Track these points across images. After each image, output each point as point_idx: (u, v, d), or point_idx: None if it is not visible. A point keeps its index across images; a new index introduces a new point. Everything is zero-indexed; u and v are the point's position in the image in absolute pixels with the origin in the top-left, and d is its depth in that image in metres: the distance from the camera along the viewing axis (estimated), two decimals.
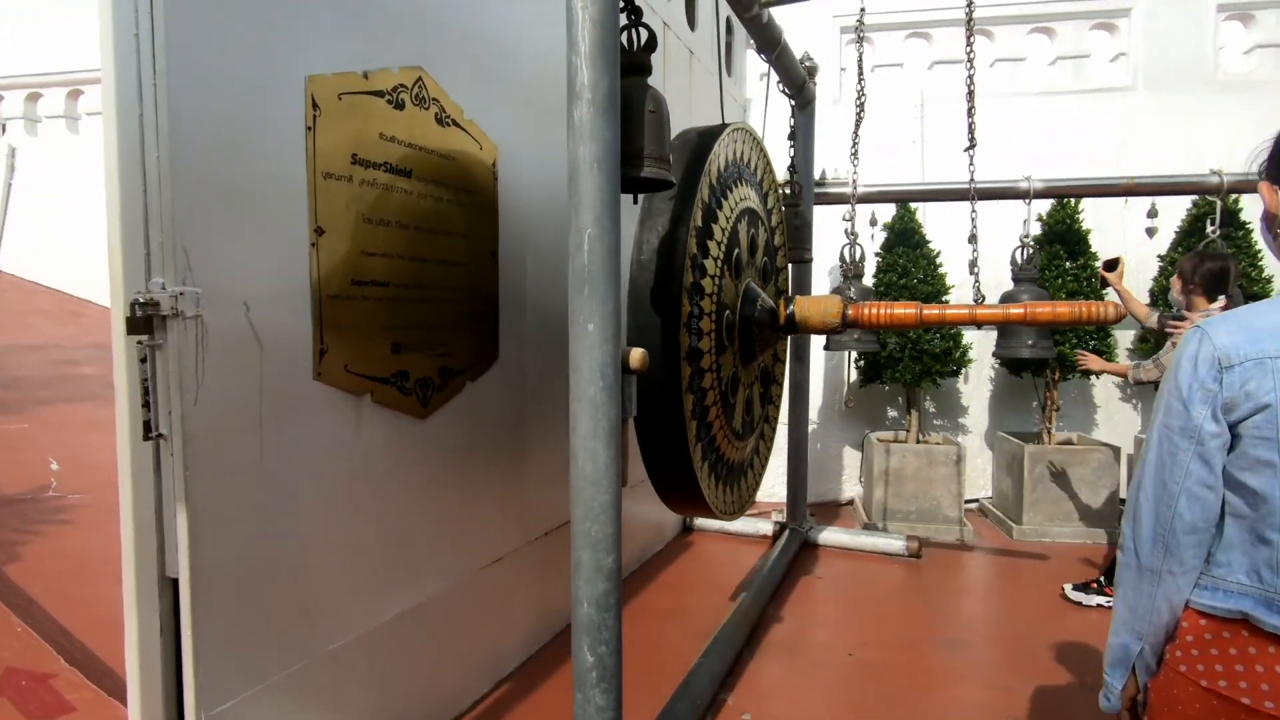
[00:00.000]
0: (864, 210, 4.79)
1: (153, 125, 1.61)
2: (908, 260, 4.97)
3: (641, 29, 1.96)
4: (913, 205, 5.06)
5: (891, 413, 5.66)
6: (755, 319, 2.85)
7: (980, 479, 5.45)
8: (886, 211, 5.14)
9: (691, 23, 4.75)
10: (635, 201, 2.24)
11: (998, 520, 4.99)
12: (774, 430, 3.49)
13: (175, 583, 1.69)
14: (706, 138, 2.70)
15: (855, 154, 3.92)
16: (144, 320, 1.62)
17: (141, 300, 1.60)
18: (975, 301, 3.59)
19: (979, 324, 3.33)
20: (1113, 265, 3.78)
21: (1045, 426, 4.90)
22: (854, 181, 4.07)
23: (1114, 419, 5.36)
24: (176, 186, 1.61)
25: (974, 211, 3.73)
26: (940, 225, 5.14)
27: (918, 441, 5.00)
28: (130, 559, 1.68)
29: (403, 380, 2.25)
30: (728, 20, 5.63)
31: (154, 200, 1.63)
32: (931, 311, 2.89)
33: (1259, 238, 4.35)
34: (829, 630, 3.43)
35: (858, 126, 3.85)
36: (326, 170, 1.98)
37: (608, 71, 1.68)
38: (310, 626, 1.98)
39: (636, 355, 1.83)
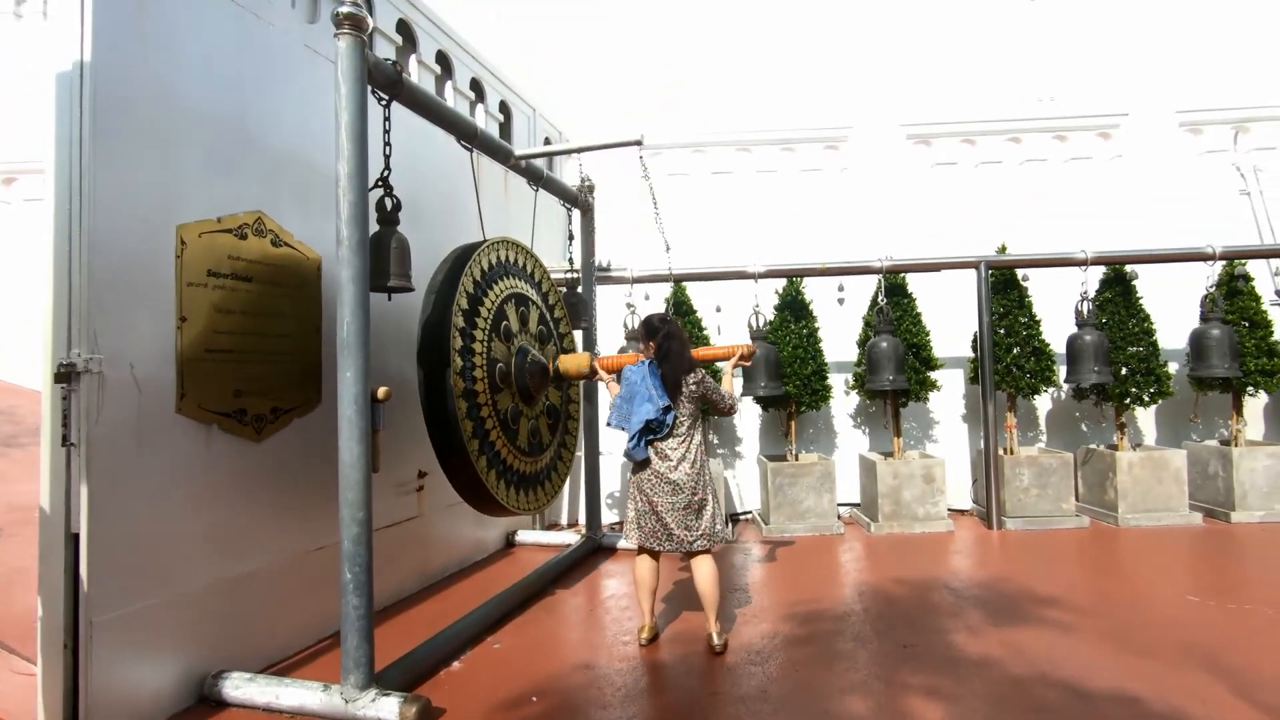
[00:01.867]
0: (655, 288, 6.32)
1: (78, 251, 2.74)
2: (684, 325, 6.45)
3: (389, 199, 3.28)
4: (683, 283, 6.57)
5: None
6: (526, 369, 4.17)
7: (753, 493, 6.88)
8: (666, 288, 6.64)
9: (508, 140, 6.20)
10: (389, 299, 3.50)
11: (759, 522, 6.39)
12: (571, 452, 4.76)
13: (77, 536, 2.73)
14: (469, 249, 4.04)
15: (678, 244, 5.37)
16: (66, 375, 2.72)
17: (64, 363, 2.71)
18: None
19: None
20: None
21: (789, 449, 6.40)
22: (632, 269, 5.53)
23: (849, 442, 6.96)
24: (91, 290, 2.75)
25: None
26: (701, 299, 6.66)
27: None
28: (47, 519, 2.72)
29: (241, 415, 3.38)
30: (546, 139, 7.16)
31: (76, 299, 2.75)
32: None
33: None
34: (585, 598, 4.62)
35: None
36: (189, 281, 3.15)
37: (358, 228, 2.97)
38: (166, 575, 3.02)
39: (382, 390, 3.07)
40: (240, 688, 3.08)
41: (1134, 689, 2.98)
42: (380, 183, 3.26)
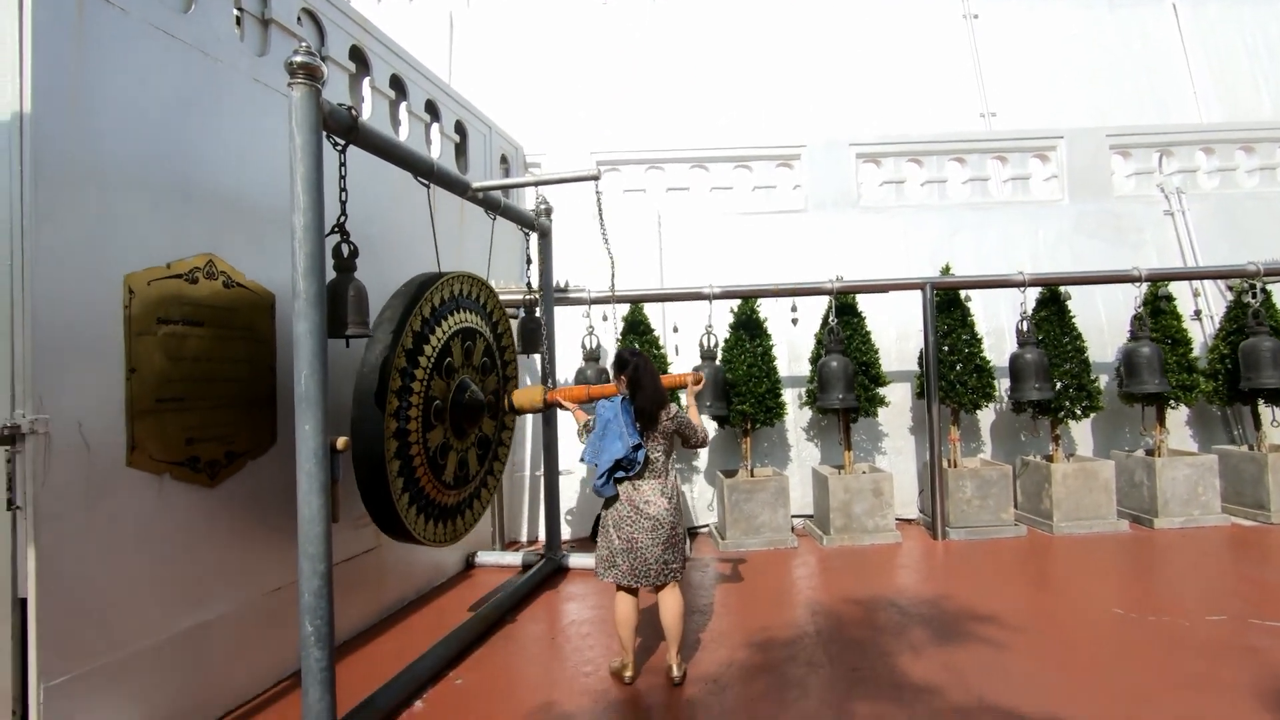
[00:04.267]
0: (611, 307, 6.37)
1: (21, 312, 2.68)
2: (641, 344, 6.53)
3: (346, 245, 3.26)
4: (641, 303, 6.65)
5: None
6: (464, 404, 4.17)
7: (709, 507, 7.03)
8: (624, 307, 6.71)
9: (464, 158, 6.16)
10: (347, 345, 3.49)
11: (716, 536, 6.54)
12: (497, 480, 4.79)
13: (24, 601, 2.67)
14: (422, 285, 4.02)
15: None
16: (9, 437, 2.65)
17: (8, 425, 2.64)
18: None
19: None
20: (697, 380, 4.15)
21: (744, 464, 6.56)
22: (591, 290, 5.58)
23: (802, 455, 7.16)
24: (35, 351, 2.68)
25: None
26: (658, 317, 6.76)
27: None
28: None
29: (194, 462, 3.33)
30: (503, 155, 7.14)
31: (19, 361, 2.68)
32: (595, 389, 4.32)
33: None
34: (546, 625, 4.68)
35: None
36: (138, 330, 3.08)
37: (315, 280, 2.95)
38: (119, 633, 2.98)
39: (341, 441, 3.07)
40: None
41: (1061, 714, 3.20)
42: (337, 229, 3.24)
